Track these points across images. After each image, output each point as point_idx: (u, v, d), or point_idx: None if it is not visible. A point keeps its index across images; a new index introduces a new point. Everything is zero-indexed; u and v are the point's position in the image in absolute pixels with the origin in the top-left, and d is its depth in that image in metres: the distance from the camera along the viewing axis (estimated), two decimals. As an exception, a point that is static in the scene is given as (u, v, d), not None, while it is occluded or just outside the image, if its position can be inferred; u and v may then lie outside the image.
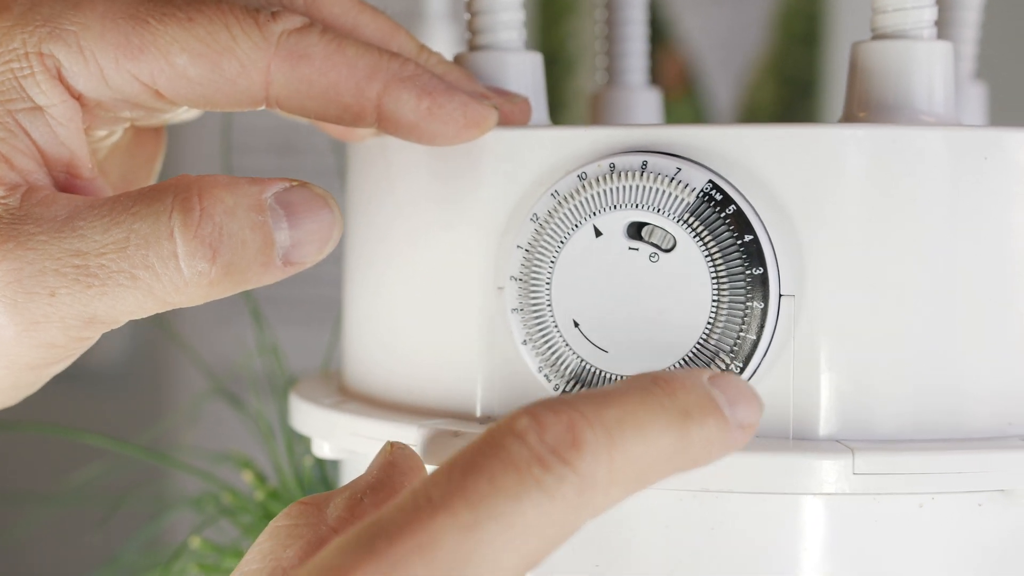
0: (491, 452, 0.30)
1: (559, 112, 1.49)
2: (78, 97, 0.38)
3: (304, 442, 0.50)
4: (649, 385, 0.32)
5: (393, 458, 0.36)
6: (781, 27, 1.49)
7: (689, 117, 1.50)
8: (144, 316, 0.37)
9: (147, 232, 0.36)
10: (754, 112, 1.49)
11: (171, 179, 0.37)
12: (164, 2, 0.38)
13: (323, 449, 0.43)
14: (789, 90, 1.50)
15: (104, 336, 0.38)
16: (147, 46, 0.37)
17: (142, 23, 0.37)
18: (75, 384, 1.45)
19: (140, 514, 0.63)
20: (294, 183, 0.37)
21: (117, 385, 1.54)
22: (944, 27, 0.53)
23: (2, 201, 0.36)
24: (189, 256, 0.36)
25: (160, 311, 0.37)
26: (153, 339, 1.48)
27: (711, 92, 1.51)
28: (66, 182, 0.38)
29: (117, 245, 0.36)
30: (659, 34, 1.50)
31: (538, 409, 0.30)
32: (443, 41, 0.76)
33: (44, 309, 0.36)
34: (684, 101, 1.51)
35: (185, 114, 0.43)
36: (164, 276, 0.36)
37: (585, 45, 1.52)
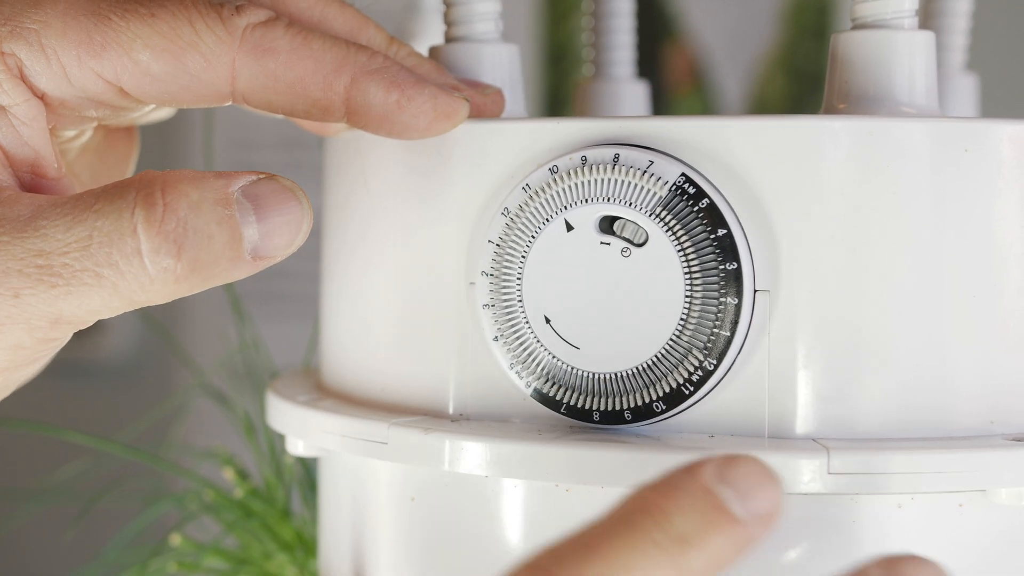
0: None
1: (566, 107, 1.49)
2: (41, 96, 0.37)
3: (285, 439, 0.50)
4: (637, 517, 0.28)
5: None
6: (791, 20, 1.49)
7: (697, 111, 1.49)
8: (112, 315, 0.36)
9: (109, 229, 0.35)
10: (763, 106, 1.49)
11: (135, 175, 0.36)
12: None
13: (297, 447, 0.43)
14: (799, 84, 1.49)
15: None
16: (109, 43, 0.37)
17: (104, 20, 0.37)
18: (85, 380, 1.45)
19: (131, 510, 0.63)
20: (262, 176, 0.37)
21: (110, 381, 1.54)
22: (934, 17, 0.52)
23: None
24: (153, 252, 0.35)
25: (128, 309, 0.36)
26: (146, 335, 1.48)
27: (720, 86, 1.50)
28: (32, 182, 0.38)
29: (80, 243, 0.35)
30: (668, 28, 1.49)
31: None
32: (437, 33, 0.75)
33: (8, 310, 0.35)
34: (693, 95, 1.50)
35: (155, 113, 0.43)
36: (128, 273, 0.35)
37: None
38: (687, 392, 0.36)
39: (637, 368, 0.36)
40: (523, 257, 0.37)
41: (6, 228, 0.35)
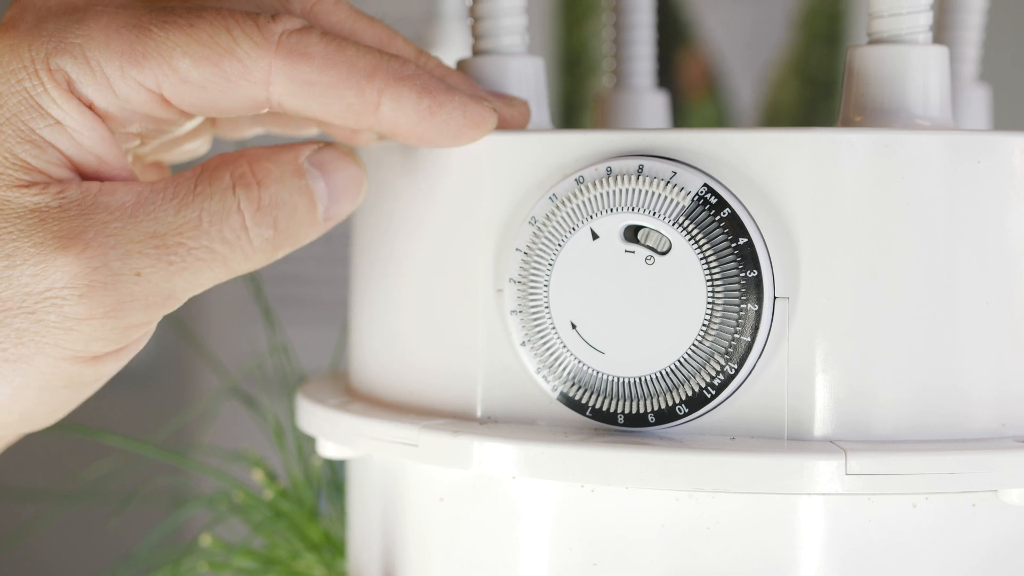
0: None
1: (581, 113, 1.50)
2: (89, 107, 0.39)
3: (313, 441, 0.51)
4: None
5: None
6: (804, 26, 1.49)
7: (711, 117, 1.50)
8: (211, 287, 0.39)
9: (217, 208, 0.38)
10: (776, 112, 1.49)
11: (215, 157, 0.39)
12: (166, 11, 0.38)
13: (327, 449, 0.44)
14: (812, 90, 1.50)
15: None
16: (150, 53, 0.38)
17: (145, 31, 0.38)
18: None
19: (159, 511, 0.64)
20: (321, 144, 0.40)
21: (144, 384, 1.55)
22: (946, 30, 0.53)
23: (61, 195, 0.38)
24: (256, 226, 0.38)
25: (227, 279, 0.39)
26: (176, 339, 1.49)
27: (734, 92, 1.51)
28: None
29: (191, 224, 0.38)
30: (681, 34, 1.50)
31: None
32: (458, 43, 0.76)
33: (131, 289, 0.38)
34: (706, 101, 1.51)
35: (190, 144, 0.44)
36: (237, 247, 0.38)
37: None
38: (709, 396, 0.37)
39: (660, 372, 0.37)
40: (550, 265, 0.38)
41: (116, 215, 0.38)
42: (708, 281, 0.37)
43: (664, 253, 0.37)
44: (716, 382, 0.37)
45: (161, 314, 0.39)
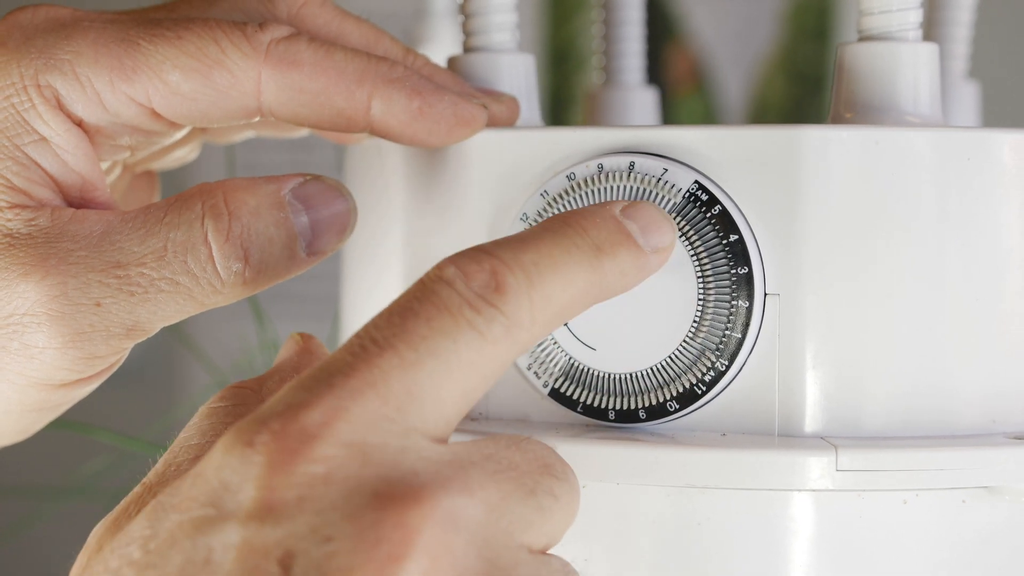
0: (425, 298, 0.31)
1: (569, 110, 1.50)
2: (79, 123, 0.39)
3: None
4: (561, 226, 0.34)
5: (307, 346, 0.39)
6: (792, 22, 1.50)
7: (699, 113, 1.50)
8: (181, 319, 0.38)
9: (182, 239, 0.37)
10: (764, 108, 1.49)
11: (193, 187, 0.38)
12: (154, 24, 0.39)
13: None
14: (800, 86, 1.50)
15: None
16: (140, 67, 0.38)
17: (133, 45, 0.38)
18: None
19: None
20: (307, 177, 0.39)
21: (134, 380, 1.55)
22: (936, 26, 0.53)
23: (32, 223, 0.38)
24: (224, 258, 0.38)
25: (197, 313, 0.38)
26: (166, 336, 1.49)
27: (721, 87, 1.51)
28: (81, 206, 0.39)
29: (155, 254, 0.37)
30: (669, 29, 1.50)
31: (461, 259, 0.32)
32: (448, 39, 0.76)
33: (90, 319, 0.37)
34: (694, 97, 1.51)
35: (180, 151, 0.44)
36: (203, 279, 0.38)
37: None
38: (700, 392, 0.37)
39: (651, 369, 0.38)
40: (541, 262, 0.38)
41: (81, 244, 0.37)
42: (699, 278, 0.37)
43: (655, 250, 0.37)
44: (707, 378, 0.37)
45: (127, 345, 0.38)
